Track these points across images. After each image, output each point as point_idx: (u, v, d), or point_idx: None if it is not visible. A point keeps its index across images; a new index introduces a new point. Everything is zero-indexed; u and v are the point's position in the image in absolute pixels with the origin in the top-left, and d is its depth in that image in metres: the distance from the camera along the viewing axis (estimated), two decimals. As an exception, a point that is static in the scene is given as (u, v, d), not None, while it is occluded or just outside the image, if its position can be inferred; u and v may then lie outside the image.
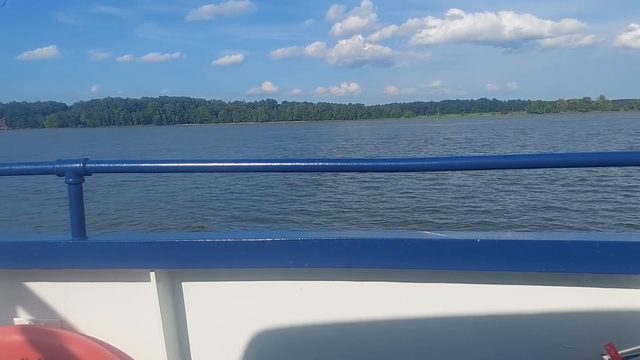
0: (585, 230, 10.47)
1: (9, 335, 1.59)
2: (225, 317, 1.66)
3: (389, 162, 1.55)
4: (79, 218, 1.59)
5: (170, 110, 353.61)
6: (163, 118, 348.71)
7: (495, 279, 1.52)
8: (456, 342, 1.59)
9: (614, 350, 1.36)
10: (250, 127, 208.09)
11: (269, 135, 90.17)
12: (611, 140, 39.97)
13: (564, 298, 1.52)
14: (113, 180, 19.07)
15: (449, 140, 50.42)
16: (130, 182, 19.31)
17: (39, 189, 17.97)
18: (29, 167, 1.63)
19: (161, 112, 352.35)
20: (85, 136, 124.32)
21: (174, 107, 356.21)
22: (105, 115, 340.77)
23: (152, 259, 1.55)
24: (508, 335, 1.56)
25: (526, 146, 38.65)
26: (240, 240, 1.52)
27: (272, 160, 1.57)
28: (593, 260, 1.39)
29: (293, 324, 1.63)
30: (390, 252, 1.47)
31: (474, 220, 11.80)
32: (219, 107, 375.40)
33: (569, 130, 62.36)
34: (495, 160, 1.54)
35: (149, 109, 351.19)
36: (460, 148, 38.26)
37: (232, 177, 19.02)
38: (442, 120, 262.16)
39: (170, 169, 1.61)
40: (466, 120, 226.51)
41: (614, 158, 1.51)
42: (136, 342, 1.68)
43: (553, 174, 17.53)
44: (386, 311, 1.59)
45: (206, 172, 1.65)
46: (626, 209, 12.32)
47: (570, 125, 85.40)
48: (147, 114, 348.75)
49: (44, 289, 1.67)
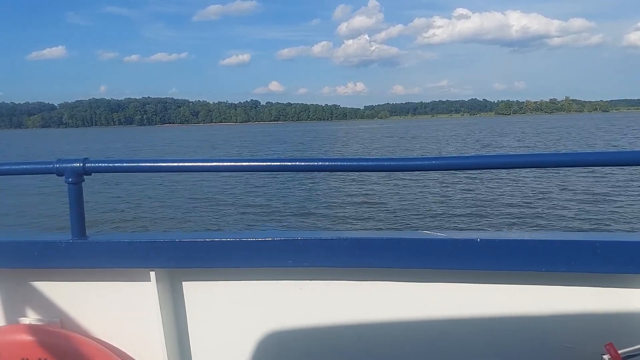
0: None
1: (9, 335, 1.59)
2: (225, 316, 1.66)
3: (389, 162, 1.55)
4: (79, 218, 1.59)
5: (152, 111, 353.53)
6: (144, 119, 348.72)
7: (495, 279, 1.52)
8: (456, 342, 1.59)
9: (614, 350, 1.35)
10: (224, 128, 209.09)
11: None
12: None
13: (564, 298, 1.52)
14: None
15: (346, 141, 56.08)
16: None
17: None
18: (28, 166, 1.63)
19: (142, 113, 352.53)
20: (50, 137, 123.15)
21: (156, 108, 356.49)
22: (88, 116, 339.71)
23: (152, 258, 1.55)
24: (508, 335, 1.56)
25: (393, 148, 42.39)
26: (240, 239, 1.52)
27: (272, 160, 1.57)
28: (593, 260, 1.39)
29: (293, 323, 1.63)
30: (390, 252, 1.47)
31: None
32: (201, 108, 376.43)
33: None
34: (495, 160, 1.54)
35: (130, 109, 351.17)
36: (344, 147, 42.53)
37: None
38: (388, 121, 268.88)
39: (170, 168, 1.62)
40: (414, 121, 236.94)
41: (614, 158, 1.52)
42: (136, 341, 1.68)
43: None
44: (386, 311, 1.59)
45: (206, 172, 1.64)
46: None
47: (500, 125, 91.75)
48: (128, 114, 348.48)
49: (44, 288, 1.67)
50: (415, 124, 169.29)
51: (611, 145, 36.40)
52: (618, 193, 14.53)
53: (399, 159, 1.56)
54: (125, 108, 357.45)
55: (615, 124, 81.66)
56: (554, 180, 17.09)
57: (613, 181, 16.44)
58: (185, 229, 12.10)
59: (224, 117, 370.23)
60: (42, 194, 17.36)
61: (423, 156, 1.94)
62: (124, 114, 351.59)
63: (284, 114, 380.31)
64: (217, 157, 1.35)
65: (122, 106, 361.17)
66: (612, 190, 15.03)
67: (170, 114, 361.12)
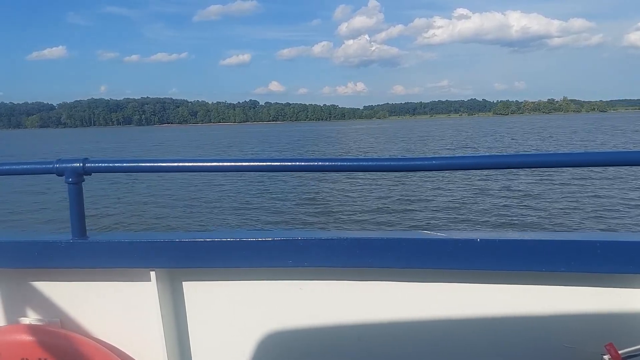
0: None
1: (9, 335, 1.60)
2: (225, 316, 1.66)
3: (389, 162, 1.55)
4: (79, 218, 1.59)
5: (150, 111, 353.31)
6: (143, 119, 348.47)
7: (495, 279, 1.53)
8: (456, 342, 1.59)
9: (614, 350, 1.35)
10: (221, 128, 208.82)
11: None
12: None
13: (564, 298, 1.52)
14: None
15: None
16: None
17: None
18: (28, 166, 1.63)
19: (141, 113, 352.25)
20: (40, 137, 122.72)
21: (154, 108, 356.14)
22: (86, 116, 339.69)
23: (152, 258, 1.55)
24: (508, 335, 1.56)
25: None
26: (240, 239, 1.52)
27: (272, 160, 1.57)
28: (593, 260, 1.39)
29: (293, 323, 1.63)
30: (390, 252, 1.47)
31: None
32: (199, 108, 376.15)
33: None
34: (495, 160, 1.54)
35: (129, 109, 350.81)
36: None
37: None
38: (385, 122, 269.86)
39: (170, 168, 1.62)
40: (411, 121, 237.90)
41: (614, 158, 1.51)
42: (136, 341, 1.68)
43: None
44: (386, 311, 1.60)
45: (206, 172, 1.64)
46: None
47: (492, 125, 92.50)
48: (126, 114, 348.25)
49: (44, 288, 1.67)
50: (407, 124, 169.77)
51: (584, 146, 36.74)
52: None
53: (399, 159, 1.56)
54: (124, 108, 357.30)
55: (604, 124, 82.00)
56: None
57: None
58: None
59: (222, 117, 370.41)
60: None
61: (423, 156, 1.93)
62: (122, 114, 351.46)
63: (282, 114, 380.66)
64: (217, 157, 1.37)
65: (121, 106, 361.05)
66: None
67: (168, 114, 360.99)
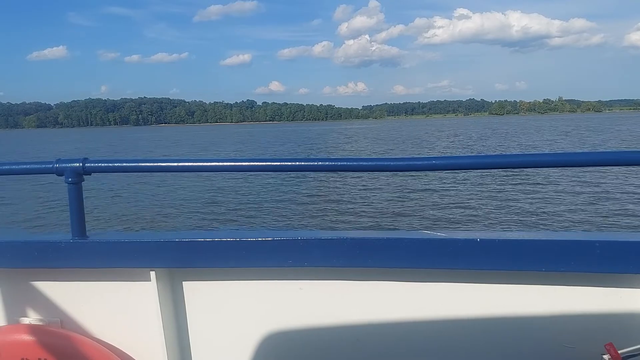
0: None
1: (9, 335, 1.60)
2: (225, 316, 1.67)
3: (388, 162, 1.54)
4: (79, 217, 1.59)
5: (147, 111, 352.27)
6: (140, 119, 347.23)
7: (495, 279, 1.53)
8: (456, 342, 1.59)
9: (614, 350, 1.35)
10: (218, 128, 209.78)
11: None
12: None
13: (564, 298, 1.52)
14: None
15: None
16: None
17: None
18: (28, 166, 1.63)
19: (138, 113, 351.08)
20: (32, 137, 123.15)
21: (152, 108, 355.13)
22: (83, 116, 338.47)
23: (152, 258, 1.55)
24: (508, 334, 1.57)
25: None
26: (240, 239, 1.52)
27: (272, 160, 1.57)
28: (593, 260, 1.40)
29: (293, 323, 1.64)
30: (390, 252, 1.47)
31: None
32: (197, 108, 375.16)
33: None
34: (495, 160, 1.54)
35: (126, 109, 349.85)
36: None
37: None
38: (380, 122, 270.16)
39: (170, 168, 1.62)
40: (405, 121, 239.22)
41: (614, 158, 1.51)
42: (136, 341, 1.69)
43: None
44: (386, 311, 1.60)
45: (206, 172, 1.64)
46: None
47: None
48: (124, 114, 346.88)
49: (45, 288, 1.67)
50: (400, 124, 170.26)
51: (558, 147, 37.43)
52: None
53: (399, 159, 1.56)
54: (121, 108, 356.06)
55: (590, 125, 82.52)
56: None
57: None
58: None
59: (220, 117, 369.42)
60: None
61: (423, 156, 1.95)
62: (119, 114, 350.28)
63: (279, 114, 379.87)
64: (218, 157, 1.35)
65: (118, 106, 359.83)
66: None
67: (166, 114, 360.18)
